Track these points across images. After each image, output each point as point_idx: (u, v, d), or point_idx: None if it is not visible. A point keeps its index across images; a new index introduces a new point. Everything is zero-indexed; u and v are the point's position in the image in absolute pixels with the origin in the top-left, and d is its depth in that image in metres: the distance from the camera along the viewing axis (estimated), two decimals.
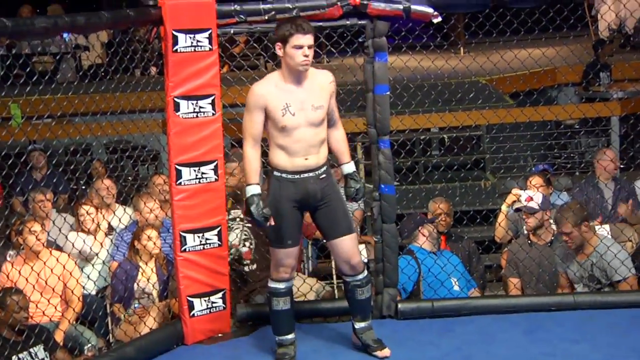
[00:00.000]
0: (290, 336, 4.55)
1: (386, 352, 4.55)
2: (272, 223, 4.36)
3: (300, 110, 4.31)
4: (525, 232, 6.14)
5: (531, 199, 5.88)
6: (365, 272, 4.59)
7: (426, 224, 5.80)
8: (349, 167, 4.55)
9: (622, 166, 7.36)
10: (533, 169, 7.65)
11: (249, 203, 4.34)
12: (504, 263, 6.17)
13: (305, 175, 4.38)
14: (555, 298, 5.26)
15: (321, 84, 4.39)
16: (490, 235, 6.90)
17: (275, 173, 4.40)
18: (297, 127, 4.32)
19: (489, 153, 8.83)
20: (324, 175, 4.43)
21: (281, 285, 4.51)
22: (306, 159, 4.36)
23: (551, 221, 5.95)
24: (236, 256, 5.38)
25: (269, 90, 4.34)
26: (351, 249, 4.50)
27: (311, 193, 4.40)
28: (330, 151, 4.53)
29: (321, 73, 4.45)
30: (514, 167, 8.59)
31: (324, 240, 4.75)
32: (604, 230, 6.11)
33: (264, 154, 4.47)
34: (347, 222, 4.50)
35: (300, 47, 4.24)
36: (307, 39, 4.25)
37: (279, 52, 4.31)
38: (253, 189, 4.35)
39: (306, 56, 4.25)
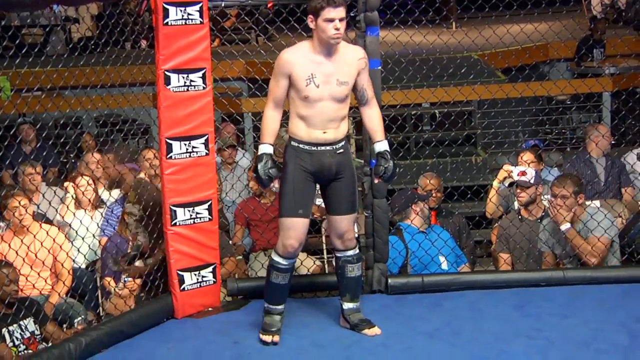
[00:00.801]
0: (280, 307, 4.55)
1: (376, 330, 4.55)
2: (276, 185, 4.36)
3: (324, 84, 4.30)
4: (516, 207, 6.15)
5: (524, 173, 5.88)
6: (357, 250, 4.59)
7: (418, 201, 5.78)
8: (381, 146, 4.50)
9: (613, 142, 7.37)
10: (524, 145, 7.66)
11: (258, 161, 4.35)
12: (494, 238, 6.19)
13: (322, 148, 4.37)
14: (545, 274, 5.28)
15: (350, 60, 4.36)
16: (480, 211, 6.91)
17: (293, 143, 4.40)
18: (320, 99, 4.30)
19: (480, 128, 8.82)
20: (341, 150, 4.42)
21: (284, 262, 4.48)
22: (324, 132, 4.35)
23: (543, 197, 5.96)
24: (138, 252, 5.32)
25: (296, 58, 4.31)
26: (347, 226, 4.51)
27: (326, 166, 4.39)
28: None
29: (351, 49, 4.43)
30: (505, 142, 8.59)
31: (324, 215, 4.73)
32: (594, 205, 6.12)
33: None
34: (352, 202, 4.51)
35: (332, 20, 4.21)
36: (339, 12, 4.22)
37: (311, 25, 4.28)
38: (264, 148, 4.36)
39: (337, 29, 4.22)
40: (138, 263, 5.26)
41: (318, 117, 4.33)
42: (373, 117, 4.52)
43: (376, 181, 4.58)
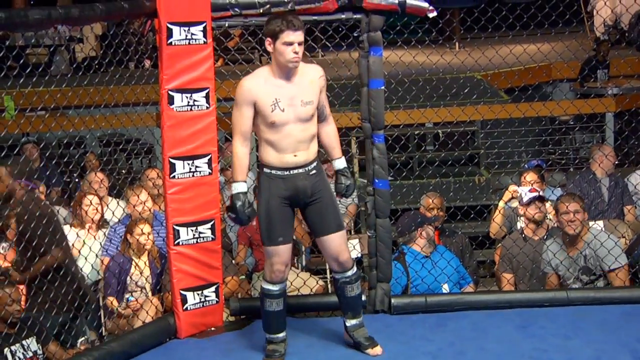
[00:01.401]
0: (281, 335, 4.54)
1: (378, 350, 4.53)
2: (254, 223, 4.34)
3: (289, 106, 4.28)
4: (519, 227, 6.14)
5: (536, 190, 5.90)
6: (355, 269, 4.56)
7: (426, 225, 5.71)
8: (339, 163, 4.53)
9: (616, 162, 7.37)
10: (526, 165, 7.66)
11: (234, 201, 4.34)
12: (498, 259, 6.17)
13: (295, 171, 4.34)
14: (548, 294, 5.27)
15: (311, 78, 4.35)
16: (483, 231, 6.89)
17: (265, 170, 4.38)
18: (286, 123, 4.28)
19: (483, 148, 8.83)
20: (314, 172, 4.40)
21: (275, 288, 4.47)
22: (295, 155, 4.33)
23: (547, 216, 5.96)
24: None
25: (258, 84, 4.30)
26: (339, 246, 4.47)
27: (301, 189, 4.37)
28: (320, 146, 4.51)
29: (311, 68, 4.41)
30: (508, 162, 8.59)
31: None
32: (597, 225, 6.12)
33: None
34: (337, 219, 4.47)
35: (291, 43, 4.20)
36: (298, 36, 4.21)
37: (269, 48, 4.27)
38: (240, 187, 4.35)
39: (296, 53, 4.21)
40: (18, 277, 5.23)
41: (286, 140, 4.30)
42: (330, 134, 4.51)
43: (337, 197, 4.56)
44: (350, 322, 4.58)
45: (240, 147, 4.36)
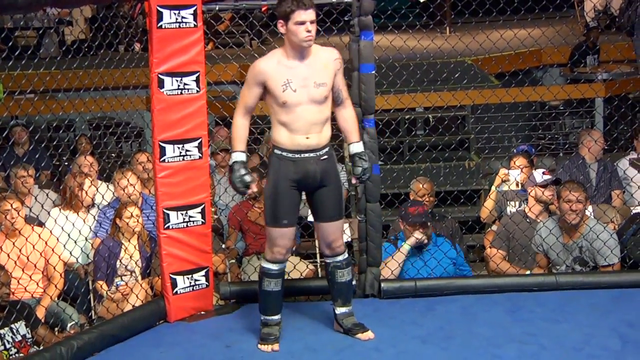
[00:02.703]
0: (277, 317, 4.54)
1: (369, 334, 4.55)
2: (254, 190, 4.37)
3: (302, 87, 4.28)
4: (509, 211, 6.14)
5: (549, 172, 5.89)
6: (346, 254, 4.58)
7: (406, 225, 5.55)
8: (357, 147, 4.50)
9: (605, 147, 7.39)
10: (514, 150, 7.68)
11: (231, 170, 4.36)
12: (487, 243, 6.18)
13: (306, 155, 4.35)
14: (537, 278, 5.29)
15: (325, 61, 4.35)
16: (473, 215, 6.90)
17: (276, 151, 4.38)
18: (299, 103, 4.29)
19: (473, 133, 8.83)
20: (325, 157, 4.40)
21: (274, 267, 4.47)
22: (307, 137, 4.33)
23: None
24: None
25: (271, 66, 4.30)
26: (335, 233, 4.50)
27: (311, 174, 4.37)
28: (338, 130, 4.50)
29: (326, 50, 4.42)
30: (498, 147, 8.60)
31: (312, 220, 4.73)
32: (586, 211, 6.13)
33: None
34: (338, 208, 4.49)
35: (303, 23, 4.20)
36: (309, 15, 4.22)
37: (282, 30, 4.27)
38: (237, 156, 4.36)
39: (309, 32, 4.22)
40: None
41: (299, 121, 4.30)
42: (348, 118, 4.51)
43: (353, 181, 4.57)
44: (340, 310, 4.59)
45: (240, 119, 4.38)
